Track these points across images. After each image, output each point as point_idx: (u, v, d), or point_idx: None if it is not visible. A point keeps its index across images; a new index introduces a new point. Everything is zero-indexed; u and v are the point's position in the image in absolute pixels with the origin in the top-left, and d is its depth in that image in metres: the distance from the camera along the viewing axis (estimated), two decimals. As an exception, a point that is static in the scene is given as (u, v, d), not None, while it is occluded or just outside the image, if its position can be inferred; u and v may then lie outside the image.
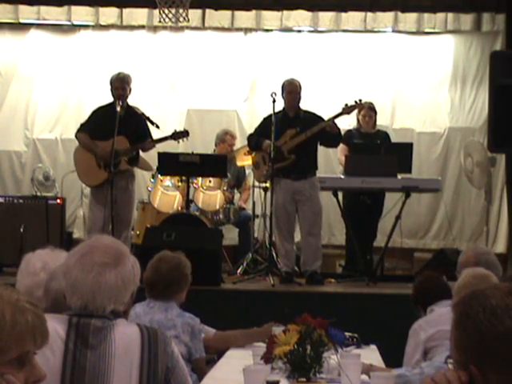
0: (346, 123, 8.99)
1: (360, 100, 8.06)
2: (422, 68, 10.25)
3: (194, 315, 4.35)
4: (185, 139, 8.14)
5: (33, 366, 1.73)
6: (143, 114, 8.00)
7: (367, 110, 8.69)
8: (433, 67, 10.26)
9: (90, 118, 8.05)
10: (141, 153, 8.07)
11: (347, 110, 7.99)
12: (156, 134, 8.04)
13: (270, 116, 7.91)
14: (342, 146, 8.62)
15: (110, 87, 7.89)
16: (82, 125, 8.05)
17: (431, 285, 4.73)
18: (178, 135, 8.02)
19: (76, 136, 8.03)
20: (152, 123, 7.95)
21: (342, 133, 8.64)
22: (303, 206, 7.82)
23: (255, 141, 7.98)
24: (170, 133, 8.07)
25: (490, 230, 9.84)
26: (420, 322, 4.44)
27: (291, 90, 7.93)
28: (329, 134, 7.79)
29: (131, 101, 8.03)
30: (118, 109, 7.62)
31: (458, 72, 10.27)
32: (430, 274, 4.98)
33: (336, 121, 7.91)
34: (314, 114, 8.02)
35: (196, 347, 4.29)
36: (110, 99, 7.90)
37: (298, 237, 8.20)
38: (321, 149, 8.16)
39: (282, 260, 7.94)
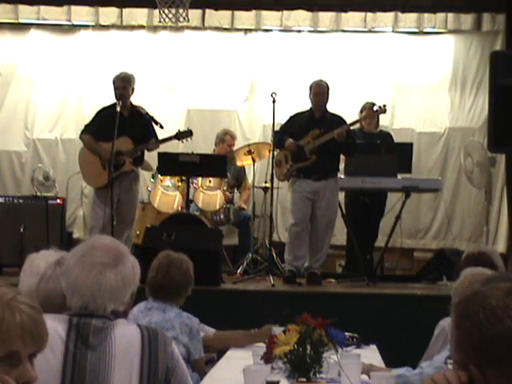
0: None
1: (384, 105, 8.12)
2: (422, 68, 10.25)
3: (192, 315, 4.36)
4: (188, 139, 8.14)
5: (24, 367, 1.73)
6: (147, 113, 8.01)
7: (367, 112, 8.70)
8: (433, 67, 10.25)
9: (94, 119, 8.04)
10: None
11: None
12: (159, 134, 8.04)
13: (297, 114, 7.97)
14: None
15: (113, 87, 7.90)
16: (86, 126, 8.06)
17: None
18: (181, 135, 8.05)
19: (80, 137, 8.04)
20: (156, 123, 7.96)
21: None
22: (320, 207, 7.78)
23: (279, 138, 7.94)
24: (172, 133, 8.08)
25: (489, 230, 9.83)
26: (449, 320, 4.38)
27: (318, 92, 7.90)
28: (339, 142, 7.76)
29: (131, 101, 8.02)
30: (119, 109, 7.60)
31: (457, 72, 10.26)
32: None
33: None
34: (339, 117, 7.99)
35: (195, 347, 4.29)
36: (110, 99, 7.89)
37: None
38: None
39: (292, 259, 7.81)
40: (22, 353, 1.73)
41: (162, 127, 7.97)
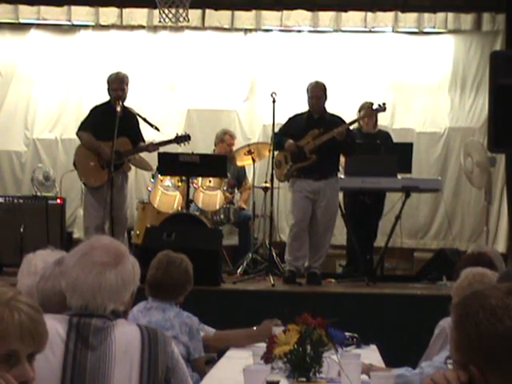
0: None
1: (384, 104, 8.12)
2: (422, 68, 10.25)
3: (192, 314, 4.36)
4: (186, 142, 8.15)
5: (23, 366, 1.73)
6: (139, 114, 8.01)
7: (367, 111, 8.69)
8: (433, 67, 10.26)
9: (89, 116, 8.00)
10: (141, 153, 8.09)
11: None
12: (157, 136, 8.04)
13: (295, 116, 7.98)
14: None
15: (107, 86, 7.88)
16: (82, 123, 8.01)
17: None
18: (180, 139, 8.05)
19: (78, 135, 8.00)
20: (151, 125, 7.95)
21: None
22: (320, 207, 7.79)
23: (278, 140, 7.94)
24: (171, 135, 8.09)
25: (489, 230, 9.84)
26: (449, 320, 4.38)
27: (315, 95, 7.89)
28: (339, 141, 7.75)
29: (131, 101, 8.02)
30: (118, 109, 7.60)
31: (457, 72, 10.26)
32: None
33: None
34: (338, 117, 7.99)
35: (195, 347, 4.28)
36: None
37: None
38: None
39: (292, 259, 7.81)
40: (20, 352, 1.73)
41: (157, 129, 7.97)
